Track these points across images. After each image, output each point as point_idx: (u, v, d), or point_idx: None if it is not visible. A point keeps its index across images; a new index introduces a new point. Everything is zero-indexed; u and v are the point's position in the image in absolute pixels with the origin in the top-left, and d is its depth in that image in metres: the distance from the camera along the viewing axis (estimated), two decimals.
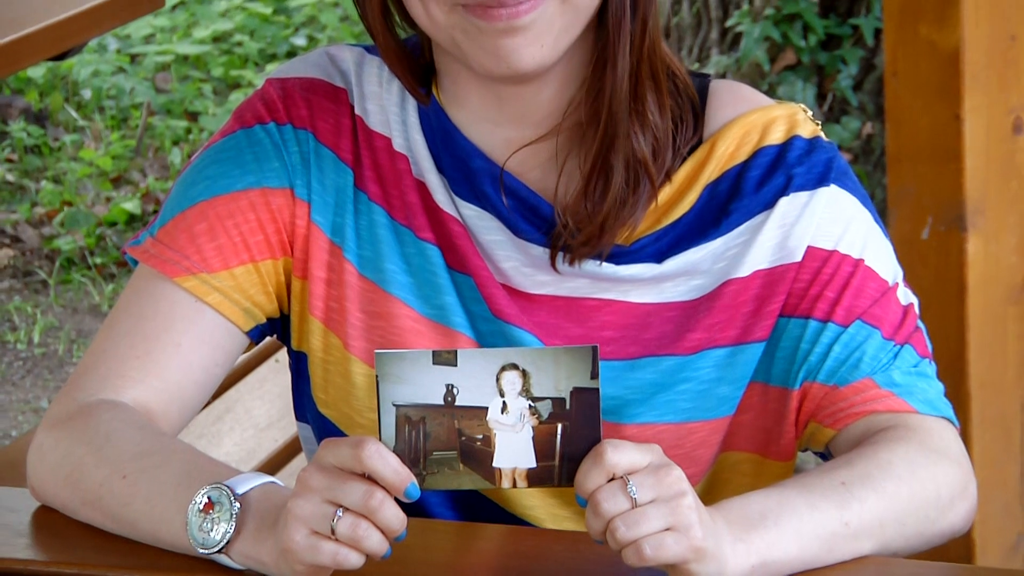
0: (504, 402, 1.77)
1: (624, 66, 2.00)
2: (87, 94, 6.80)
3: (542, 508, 2.08)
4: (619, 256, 2.05)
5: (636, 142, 2.01)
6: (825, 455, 2.07)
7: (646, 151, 2.02)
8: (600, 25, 2.01)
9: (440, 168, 2.08)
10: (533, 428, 1.77)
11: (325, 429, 2.11)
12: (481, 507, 2.08)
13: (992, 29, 3.27)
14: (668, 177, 2.05)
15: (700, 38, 5.71)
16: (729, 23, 5.55)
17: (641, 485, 1.73)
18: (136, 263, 2.09)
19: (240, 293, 2.07)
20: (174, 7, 7.22)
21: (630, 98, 2.01)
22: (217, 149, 2.11)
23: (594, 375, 1.77)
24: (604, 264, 2.05)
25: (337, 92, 2.12)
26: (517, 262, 2.07)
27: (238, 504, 1.83)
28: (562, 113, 2.05)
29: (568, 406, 1.77)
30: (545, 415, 1.77)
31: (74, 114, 6.73)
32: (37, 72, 6.76)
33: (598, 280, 2.06)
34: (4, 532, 1.98)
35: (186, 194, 2.10)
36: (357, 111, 2.11)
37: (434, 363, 1.76)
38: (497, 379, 1.76)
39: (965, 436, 2.07)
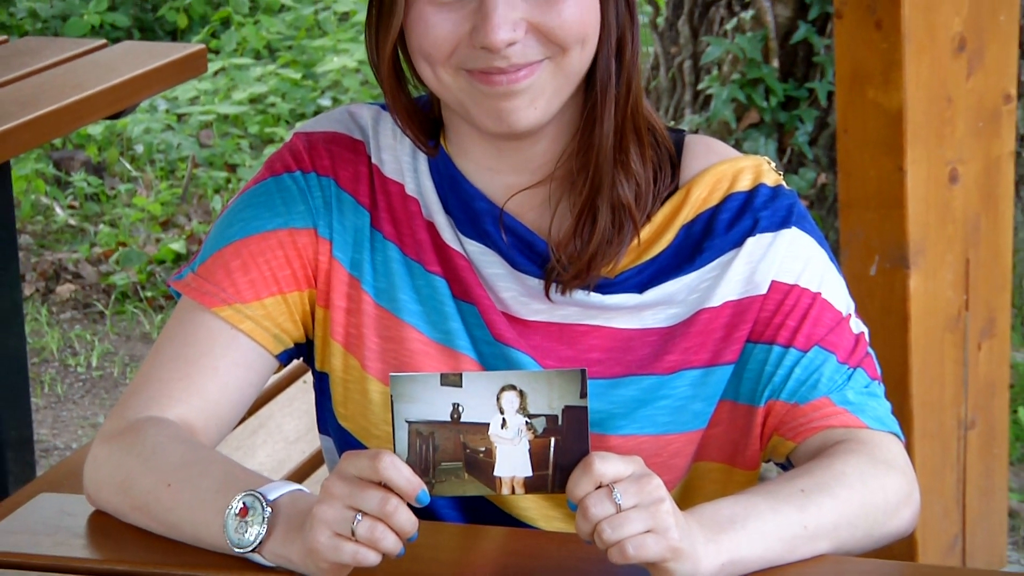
0: (504, 419, 1.76)
1: (610, 123, 1.99)
2: (139, 148, 6.80)
3: (537, 511, 2.07)
4: (605, 287, 2.04)
5: (620, 189, 2.01)
6: (786, 465, 2.06)
7: (629, 197, 2.01)
8: (588, 87, 2.00)
9: (447, 210, 2.07)
10: (529, 442, 1.76)
11: (345, 440, 2.10)
12: (484, 511, 2.07)
13: (930, 92, 3.27)
14: (648, 218, 2.05)
15: (675, 99, 5.71)
16: (701, 86, 5.55)
17: (625, 492, 1.72)
18: (179, 295, 2.09)
19: (270, 321, 2.06)
20: (216, 72, 7.22)
21: (615, 151, 2.00)
22: (250, 195, 2.11)
23: (583, 395, 1.76)
24: (592, 294, 2.04)
25: (356, 144, 2.11)
26: (515, 292, 2.06)
27: (269, 509, 1.82)
28: (555, 163, 2.04)
29: (560, 422, 1.76)
30: (540, 430, 1.76)
31: (128, 166, 6.72)
32: (96, 129, 6.76)
33: (586, 308, 2.05)
34: (63, 533, 1.96)
35: (223, 234, 2.09)
36: (373, 160, 2.10)
37: (442, 384, 1.76)
38: (497, 398, 1.76)
39: (909, 449, 2.06)
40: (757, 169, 2.07)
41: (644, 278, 2.05)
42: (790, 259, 2.04)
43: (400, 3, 1.95)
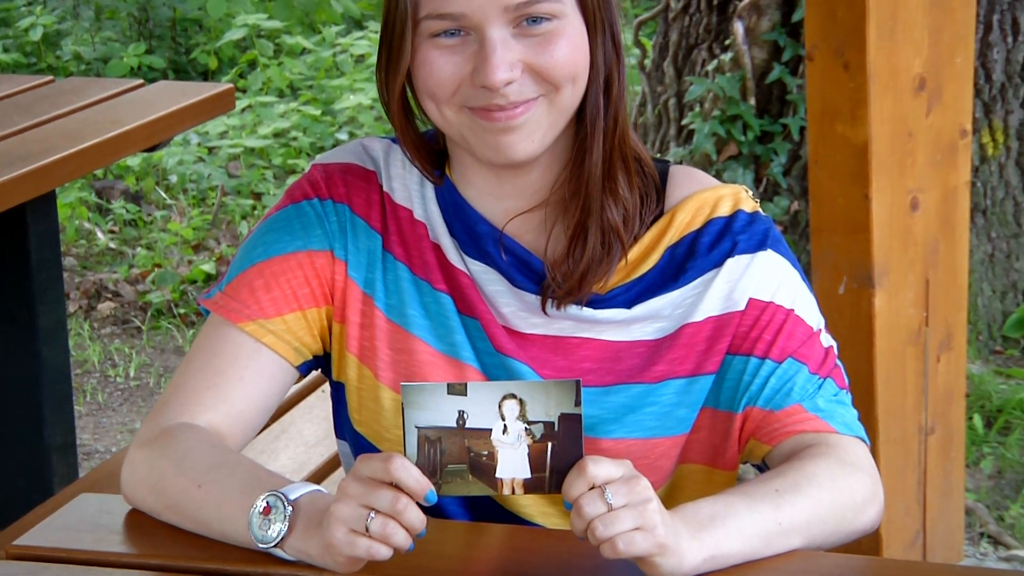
0: (505, 425, 1.76)
1: (598, 154, 2.00)
2: (173, 179, 6.80)
3: (535, 509, 2.06)
4: (596, 303, 2.04)
5: (609, 213, 2.01)
6: (762, 467, 2.05)
7: (618, 220, 2.01)
8: (579, 120, 2.01)
9: (452, 233, 2.07)
10: (528, 446, 1.76)
11: (359, 444, 2.09)
12: (487, 509, 2.06)
13: (893, 127, 3.26)
14: (636, 240, 2.05)
15: (661, 133, 5.71)
16: (684, 122, 5.55)
17: (616, 493, 1.72)
18: (208, 312, 2.08)
19: (291, 335, 2.05)
20: (243, 109, 7.22)
21: (604, 179, 2.01)
22: (272, 220, 2.10)
23: (577, 403, 1.76)
24: (584, 309, 2.04)
25: (368, 174, 2.11)
26: (515, 307, 2.05)
27: (291, 508, 1.82)
28: (549, 189, 2.04)
29: (556, 428, 1.76)
30: (538, 435, 1.76)
31: (163, 195, 6.72)
32: (134, 161, 6.77)
33: (580, 322, 2.05)
34: (102, 530, 1.96)
35: (247, 256, 2.09)
36: (385, 188, 2.10)
37: (448, 393, 1.76)
38: (499, 406, 1.76)
39: (874, 452, 2.06)
40: (736, 196, 2.07)
41: (632, 295, 2.05)
42: (766, 278, 2.04)
43: (408, 47, 1.95)
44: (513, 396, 1.76)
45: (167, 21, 8.09)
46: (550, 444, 1.76)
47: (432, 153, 2.08)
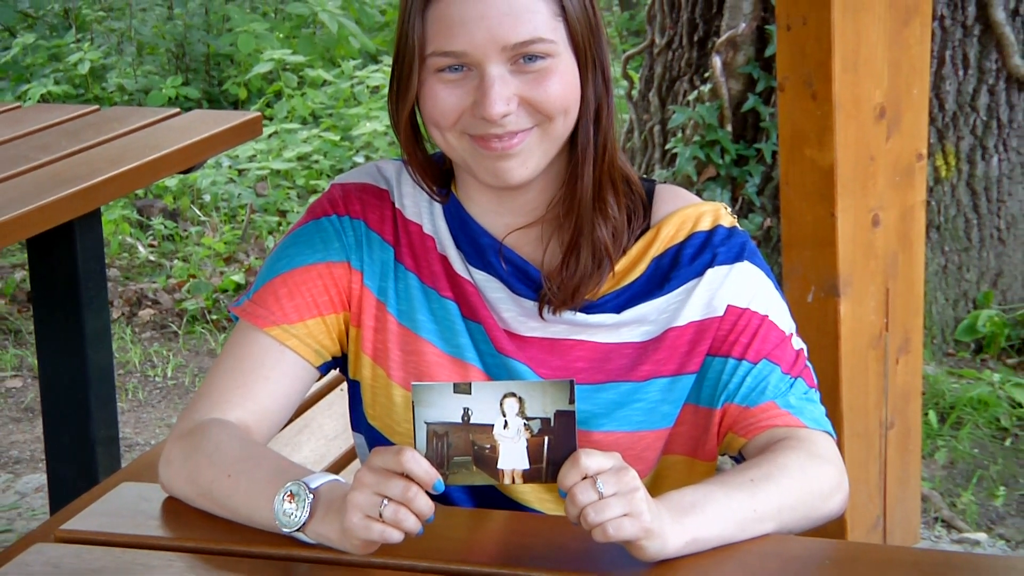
0: (506, 421, 1.76)
1: (588, 178, 1.99)
2: (207, 198, 6.80)
3: (533, 496, 2.06)
4: (588, 308, 2.04)
5: (600, 231, 2.01)
6: (738, 458, 2.05)
7: (607, 238, 2.01)
8: (572, 147, 2.00)
9: (458, 245, 2.07)
10: (527, 440, 1.76)
11: (373, 437, 2.09)
12: (490, 496, 2.06)
13: (857, 152, 3.26)
14: (625, 252, 2.04)
15: (647, 157, 5.71)
16: (668, 147, 5.55)
17: (606, 482, 1.72)
18: (237, 319, 2.08)
19: (311, 339, 2.05)
20: (270, 135, 7.22)
21: (595, 200, 2.01)
22: (295, 235, 2.10)
23: (571, 401, 1.76)
24: (578, 314, 2.04)
25: (382, 193, 2.11)
26: (514, 312, 2.05)
27: (312, 496, 1.81)
28: (545, 207, 2.04)
29: (552, 424, 1.76)
30: (536, 430, 1.76)
31: (198, 212, 6.72)
32: (171, 182, 6.77)
33: (573, 326, 2.04)
34: (141, 516, 1.96)
35: (273, 268, 2.09)
36: (396, 205, 2.10)
37: (455, 392, 1.76)
38: (500, 404, 1.76)
39: (839, 445, 2.06)
40: (716, 213, 2.07)
41: (621, 301, 2.04)
42: (743, 287, 2.04)
43: (415, 79, 1.95)
44: (513, 394, 1.76)
45: (202, 56, 8.09)
46: (546, 438, 1.76)
47: (439, 173, 2.08)
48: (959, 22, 4.99)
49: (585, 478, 1.73)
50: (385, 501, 1.73)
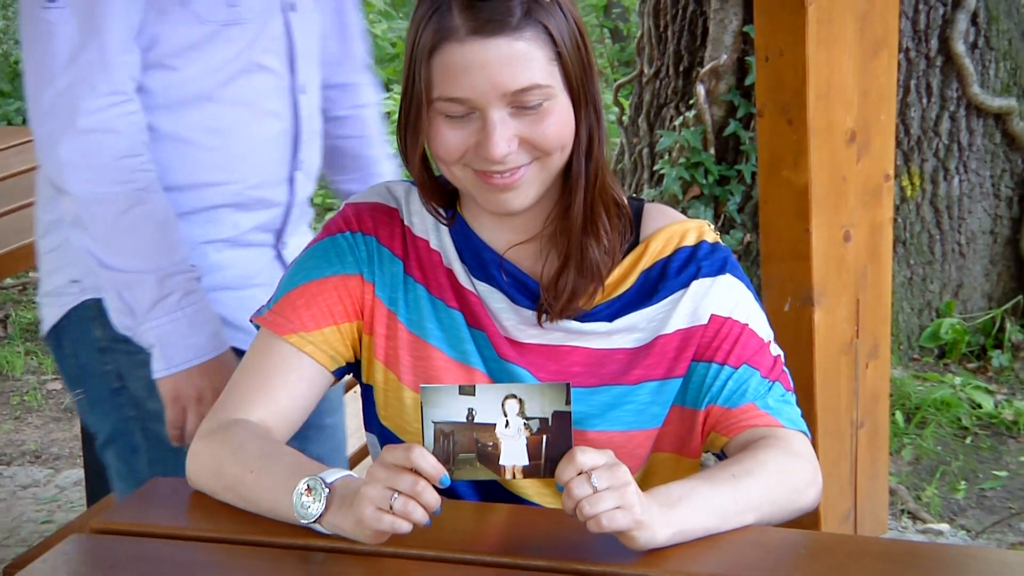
0: (507, 420, 1.75)
1: (579, 205, 1.99)
2: None
3: (533, 490, 2.05)
4: (583, 317, 2.03)
5: (591, 252, 2.00)
6: (720, 455, 2.04)
7: (598, 256, 2.01)
8: (566, 175, 1.99)
9: (462, 259, 2.07)
10: (527, 438, 1.75)
11: (385, 435, 2.09)
12: (493, 490, 2.05)
13: (830, 173, 3.26)
14: (616, 265, 2.04)
15: (636, 178, 5.71)
16: (656, 168, 5.55)
17: (600, 477, 1.72)
18: (259, 327, 2.08)
19: (327, 345, 2.04)
20: None
21: (586, 223, 2.00)
22: (313, 250, 2.10)
23: (568, 402, 1.75)
24: (573, 322, 2.03)
25: (392, 211, 2.10)
26: (515, 321, 2.04)
27: (328, 490, 1.81)
28: (542, 225, 2.04)
29: (550, 423, 1.75)
30: (535, 429, 1.75)
31: None
32: None
33: (569, 333, 2.04)
34: (170, 509, 1.96)
35: (291, 280, 2.08)
36: (405, 223, 2.09)
37: (460, 394, 1.75)
38: (502, 405, 1.75)
39: (814, 443, 2.05)
40: (700, 229, 2.07)
41: (613, 310, 2.04)
42: (725, 298, 2.03)
43: (424, 119, 1.94)
44: (514, 396, 1.75)
45: None
46: (545, 436, 1.75)
47: (445, 193, 2.07)
48: (923, 54, 5.00)
49: (580, 473, 1.72)
50: (395, 494, 1.72)
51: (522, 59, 1.90)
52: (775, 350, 2.06)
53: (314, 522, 1.81)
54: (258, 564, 1.81)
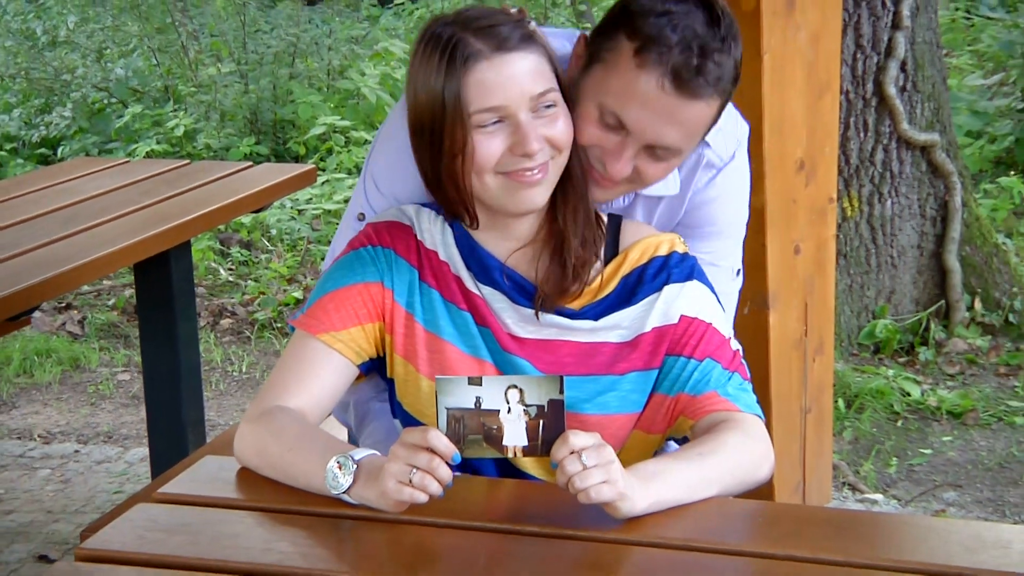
0: (509, 407, 1.75)
1: (563, 207, 2.02)
2: (274, 232, 6.78)
3: (531, 465, 2.05)
4: (573, 316, 2.04)
5: (577, 249, 2.01)
6: (680, 440, 2.06)
7: (582, 254, 2.01)
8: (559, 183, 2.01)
9: (468, 267, 2.06)
10: (526, 422, 1.75)
11: (407, 419, 2.08)
12: (504, 466, 2.04)
13: (783, 196, 3.25)
14: (600, 273, 2.04)
15: None
16: None
17: (588, 456, 1.71)
18: (294, 328, 2.07)
19: (353, 343, 2.04)
20: (322, 183, 7.21)
21: (571, 224, 2.02)
22: (339, 263, 2.09)
23: (561, 392, 1.75)
24: (564, 319, 2.03)
25: (406, 228, 2.10)
26: (515, 319, 2.04)
27: (356, 466, 1.80)
28: (535, 232, 2.05)
29: (547, 410, 1.75)
30: (533, 415, 1.75)
31: (266, 243, 6.71)
32: (246, 219, 6.75)
33: (562, 329, 2.04)
34: (220, 482, 1.94)
35: (322, 287, 2.07)
36: (418, 237, 2.09)
37: (469, 384, 1.75)
38: (505, 394, 1.75)
39: (768, 426, 2.05)
40: (671, 242, 2.07)
41: (598, 310, 2.04)
42: (692, 300, 2.03)
43: (459, 135, 1.93)
44: (515, 386, 1.75)
45: (270, 122, 8.08)
46: (541, 421, 1.75)
47: (460, 210, 2.05)
48: (860, 96, 4.99)
49: (572, 453, 1.72)
50: (414, 470, 1.72)
51: (537, 68, 1.93)
52: (735, 345, 2.05)
53: (343, 493, 1.81)
54: (295, 530, 1.79)
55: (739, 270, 2.37)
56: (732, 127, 2.26)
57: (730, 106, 2.18)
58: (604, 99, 1.98)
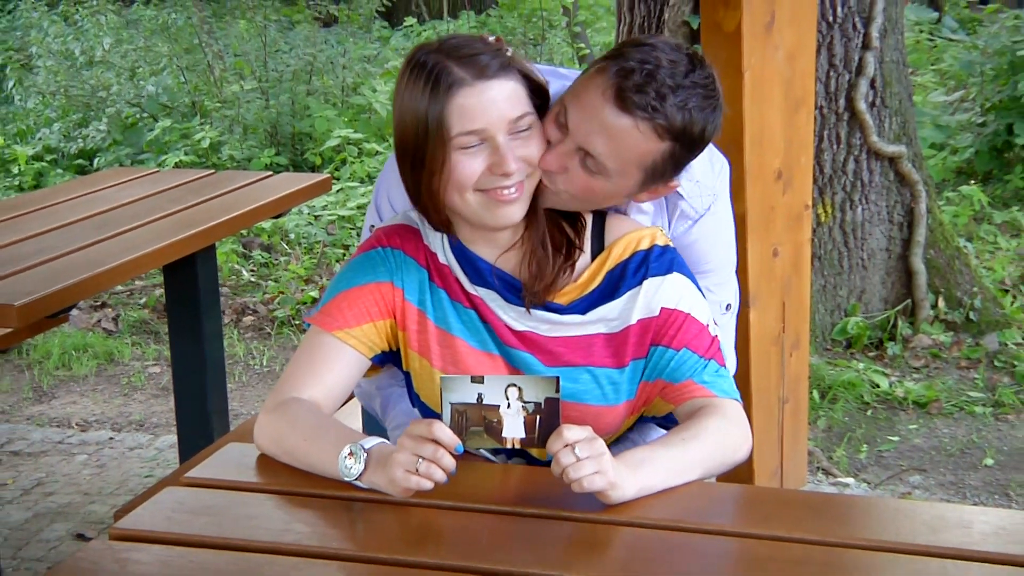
0: (509, 403, 1.75)
1: (542, 214, 2.00)
2: (292, 236, 6.77)
3: (533, 449, 2.02)
4: (561, 311, 2.02)
5: (558, 250, 2.00)
6: (661, 422, 2.07)
7: (562, 254, 2.00)
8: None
9: (464, 270, 2.05)
10: (524, 417, 1.75)
11: (424, 410, 2.08)
12: (508, 455, 2.05)
13: (762, 203, 3.25)
14: (586, 268, 2.03)
15: None
16: None
17: (581, 448, 1.71)
18: (309, 325, 2.06)
19: (366, 338, 2.03)
20: (337, 191, 7.21)
21: (549, 226, 2.01)
22: (351, 264, 2.08)
23: (556, 390, 1.75)
24: (554, 314, 2.02)
25: (415, 231, 2.09)
26: (510, 316, 2.03)
27: (366, 454, 1.80)
28: (519, 236, 2.03)
29: (543, 406, 1.75)
30: (531, 410, 1.75)
31: (285, 246, 6.70)
32: (266, 224, 6.75)
33: (553, 324, 2.03)
34: (242, 468, 1.94)
35: (336, 286, 2.06)
36: (425, 241, 2.08)
37: (471, 382, 1.75)
38: (505, 391, 1.75)
39: (748, 415, 2.04)
40: (653, 235, 2.05)
41: (586, 304, 2.02)
42: (672, 293, 2.01)
43: (439, 155, 1.91)
44: (514, 384, 1.75)
45: (289, 134, 8.08)
46: (538, 416, 1.75)
47: (439, 224, 2.04)
48: (833, 110, 4.98)
49: (566, 446, 1.71)
50: (420, 459, 1.72)
51: (515, 94, 1.91)
52: (713, 331, 2.03)
53: (355, 479, 1.80)
54: (310, 511, 1.79)
55: (729, 304, 2.34)
56: (711, 180, 2.22)
57: (710, 158, 2.17)
58: (565, 97, 1.96)
